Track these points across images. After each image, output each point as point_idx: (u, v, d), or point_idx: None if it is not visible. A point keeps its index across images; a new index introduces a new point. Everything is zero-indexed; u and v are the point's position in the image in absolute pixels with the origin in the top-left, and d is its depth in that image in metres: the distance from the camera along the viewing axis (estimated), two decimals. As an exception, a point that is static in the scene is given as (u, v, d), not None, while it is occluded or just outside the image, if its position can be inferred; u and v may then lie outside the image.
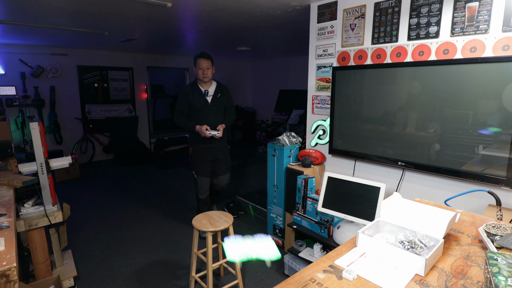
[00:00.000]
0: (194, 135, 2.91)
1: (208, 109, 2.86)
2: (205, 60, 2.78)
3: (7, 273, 1.07)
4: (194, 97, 2.83)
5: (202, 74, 2.79)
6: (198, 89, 2.86)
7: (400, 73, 2.14)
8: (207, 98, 2.86)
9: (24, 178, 1.94)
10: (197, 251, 2.14)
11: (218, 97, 2.90)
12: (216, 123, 2.86)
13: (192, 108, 2.87)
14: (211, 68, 2.83)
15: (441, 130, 1.99)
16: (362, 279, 0.90)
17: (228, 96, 2.99)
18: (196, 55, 2.81)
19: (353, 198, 2.18)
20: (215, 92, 2.90)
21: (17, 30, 3.94)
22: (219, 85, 2.96)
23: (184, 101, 2.88)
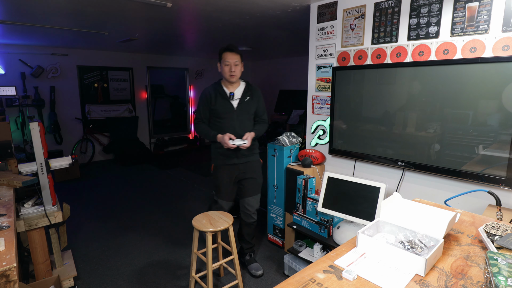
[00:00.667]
0: (216, 148, 2.36)
1: (233, 115, 2.29)
2: (233, 54, 2.22)
3: (7, 273, 1.07)
4: (216, 100, 2.29)
5: (229, 72, 2.23)
6: (222, 91, 2.30)
7: (400, 73, 2.14)
8: (232, 102, 2.29)
9: (24, 178, 1.94)
10: (197, 251, 2.14)
11: (247, 101, 2.32)
12: (242, 133, 2.27)
13: (214, 114, 2.32)
14: (240, 65, 2.26)
15: (441, 130, 1.99)
16: (362, 279, 0.90)
17: (259, 100, 2.41)
18: (222, 48, 2.27)
19: (353, 198, 2.18)
20: (243, 94, 2.32)
21: (17, 30, 3.94)
22: (249, 86, 2.38)
23: (205, 106, 2.33)
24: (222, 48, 2.26)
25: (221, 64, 2.28)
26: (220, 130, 2.28)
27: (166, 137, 7.36)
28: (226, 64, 2.23)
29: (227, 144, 2.17)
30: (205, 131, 2.34)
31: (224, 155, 2.32)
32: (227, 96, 2.29)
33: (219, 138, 2.24)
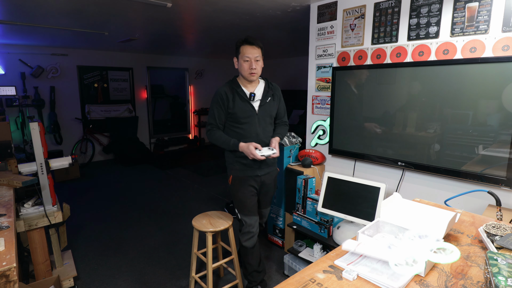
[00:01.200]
0: (235, 157, 2.01)
1: (255, 120, 1.95)
2: (253, 48, 1.89)
3: (7, 273, 1.07)
4: (235, 103, 1.93)
5: (249, 69, 1.89)
6: (241, 91, 1.95)
7: (400, 73, 2.14)
8: (253, 104, 1.95)
9: (24, 178, 1.94)
10: (197, 251, 2.14)
11: (268, 102, 2.00)
12: (267, 140, 2.00)
13: (232, 118, 1.97)
14: (261, 61, 1.94)
15: (441, 130, 1.99)
16: (362, 279, 0.90)
17: (280, 99, 2.11)
18: (240, 40, 1.94)
19: (353, 198, 2.18)
20: (264, 94, 1.99)
21: (17, 30, 3.94)
22: (269, 84, 2.05)
23: (220, 109, 1.96)
24: (240, 40, 1.93)
25: (238, 60, 1.95)
26: (240, 138, 1.94)
27: (166, 137, 7.36)
28: (245, 59, 1.89)
29: (255, 155, 1.82)
30: (223, 139, 1.95)
31: (246, 165, 1.99)
32: (247, 97, 1.95)
33: (243, 148, 1.87)
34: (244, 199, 2.03)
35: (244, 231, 2.07)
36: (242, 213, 2.06)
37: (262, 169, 2.03)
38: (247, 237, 2.06)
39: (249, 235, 2.06)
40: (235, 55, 2.00)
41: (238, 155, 1.98)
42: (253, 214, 2.06)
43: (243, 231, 2.07)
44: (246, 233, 2.06)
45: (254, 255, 2.11)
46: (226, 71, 8.06)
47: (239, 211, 2.07)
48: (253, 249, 2.10)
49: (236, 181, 2.03)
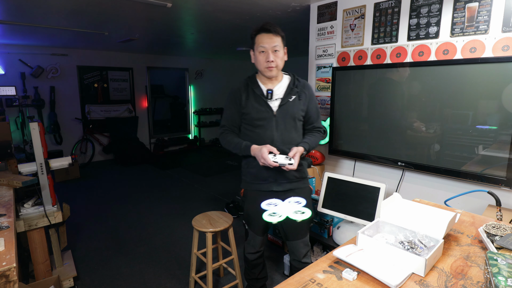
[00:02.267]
0: (247, 167, 1.72)
1: (272, 122, 1.63)
2: (270, 36, 1.55)
3: (7, 273, 1.07)
4: (248, 101, 1.65)
5: (265, 62, 1.57)
6: (257, 88, 1.66)
7: (400, 73, 2.14)
8: (270, 103, 1.63)
9: (24, 178, 1.94)
10: (197, 251, 2.14)
11: (292, 101, 1.64)
12: (284, 146, 1.62)
13: (246, 120, 1.68)
14: (281, 51, 1.60)
15: (441, 130, 1.99)
16: (362, 279, 0.90)
17: (311, 100, 1.71)
18: (255, 29, 1.61)
19: (353, 199, 2.18)
20: (287, 92, 1.65)
21: (17, 30, 3.94)
22: (295, 81, 1.69)
23: (233, 109, 1.70)
24: (256, 29, 1.60)
25: (254, 52, 1.63)
26: (255, 143, 1.62)
27: (166, 137, 7.36)
28: (261, 50, 1.57)
29: (266, 160, 1.48)
30: (234, 142, 1.66)
31: (259, 177, 1.66)
32: (264, 94, 1.64)
33: (255, 151, 1.56)
34: (253, 216, 1.74)
35: (248, 242, 1.87)
36: (248, 226, 1.83)
37: (279, 183, 1.64)
38: (250, 251, 1.86)
39: (252, 249, 1.85)
40: (251, 48, 1.65)
41: (251, 164, 1.67)
42: (260, 234, 1.79)
43: (247, 241, 1.88)
44: (249, 246, 1.86)
45: (256, 268, 1.92)
46: (226, 71, 8.06)
47: (246, 222, 1.84)
48: (255, 262, 1.89)
49: (247, 196, 1.75)
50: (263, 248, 1.88)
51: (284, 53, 1.62)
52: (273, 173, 1.63)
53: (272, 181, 1.65)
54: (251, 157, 1.63)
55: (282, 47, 1.59)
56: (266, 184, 1.67)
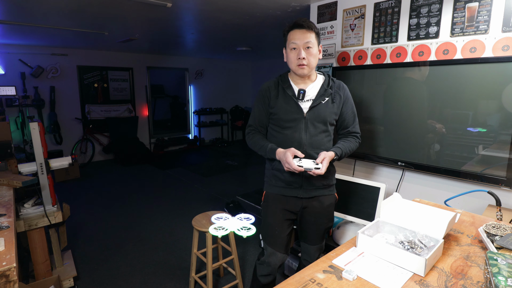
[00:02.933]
0: (272, 169, 1.61)
1: (301, 124, 1.52)
2: (303, 32, 1.46)
3: (7, 273, 1.07)
4: (278, 100, 1.54)
5: (296, 59, 1.47)
6: (288, 87, 1.55)
7: (400, 73, 2.14)
8: (301, 104, 1.52)
9: (24, 178, 1.94)
10: (197, 251, 2.14)
11: (324, 103, 1.53)
12: (312, 151, 1.52)
13: (274, 120, 1.57)
14: (315, 48, 1.49)
15: (441, 130, 1.99)
16: (362, 279, 0.90)
17: (346, 102, 1.60)
18: (288, 26, 1.52)
19: (353, 198, 2.18)
20: (320, 93, 1.54)
21: (17, 30, 3.94)
22: (329, 81, 1.58)
23: (261, 108, 1.60)
24: (288, 26, 1.50)
25: (286, 49, 1.54)
26: (281, 145, 1.50)
27: (166, 137, 7.37)
28: (292, 47, 1.47)
29: (291, 165, 1.36)
30: (260, 144, 1.55)
31: (284, 180, 1.56)
32: (295, 94, 1.53)
33: (279, 154, 1.45)
34: (273, 224, 1.59)
35: (263, 262, 1.65)
36: (266, 241, 1.64)
37: (306, 190, 1.54)
38: (264, 272, 1.65)
39: (266, 270, 1.64)
40: (284, 47, 1.57)
41: (276, 167, 1.57)
42: (279, 250, 1.60)
43: (261, 260, 1.67)
44: (264, 266, 1.65)
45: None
46: (226, 71, 8.07)
47: (263, 237, 1.66)
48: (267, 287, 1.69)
49: (269, 199, 1.62)
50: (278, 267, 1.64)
51: (319, 51, 1.52)
52: (299, 178, 1.52)
53: (298, 187, 1.55)
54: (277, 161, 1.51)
55: (316, 44, 1.48)
56: (291, 189, 1.56)
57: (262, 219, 1.66)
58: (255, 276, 1.73)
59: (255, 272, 1.73)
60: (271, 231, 1.60)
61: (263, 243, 1.66)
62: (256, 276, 1.72)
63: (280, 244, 1.60)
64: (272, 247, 1.60)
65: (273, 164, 1.58)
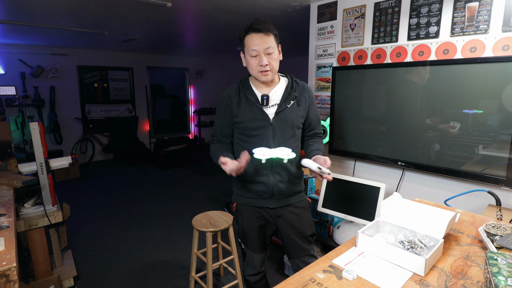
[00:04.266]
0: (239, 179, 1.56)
1: (267, 131, 1.43)
2: (261, 36, 1.35)
3: (7, 273, 1.07)
4: (240, 108, 1.45)
5: (258, 66, 1.37)
6: (250, 93, 1.46)
7: (400, 73, 2.14)
8: (266, 110, 1.44)
9: (24, 178, 1.94)
10: (197, 251, 2.14)
11: (290, 107, 1.45)
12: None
13: (239, 129, 1.49)
14: (276, 51, 1.40)
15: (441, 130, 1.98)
16: (362, 279, 0.90)
17: (311, 104, 1.53)
18: (243, 30, 1.39)
19: (353, 198, 2.18)
20: (284, 98, 1.45)
21: (17, 30, 3.94)
22: (293, 84, 1.49)
23: (223, 117, 1.51)
24: (244, 29, 1.39)
25: (244, 54, 1.42)
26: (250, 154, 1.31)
27: (166, 137, 7.37)
28: (252, 54, 1.37)
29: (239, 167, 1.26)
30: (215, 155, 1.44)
31: (253, 191, 1.50)
32: (258, 100, 1.43)
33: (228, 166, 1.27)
34: (249, 232, 1.57)
35: (247, 263, 1.65)
36: (245, 245, 1.62)
37: (275, 199, 1.48)
38: (250, 273, 1.65)
39: (252, 271, 1.64)
40: (241, 49, 1.45)
41: (245, 177, 1.49)
42: (259, 252, 1.60)
43: (246, 262, 1.67)
44: (249, 267, 1.64)
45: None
46: (226, 71, 8.06)
47: (242, 241, 1.63)
48: (257, 285, 1.69)
49: (241, 210, 1.58)
50: (264, 268, 1.67)
51: (279, 52, 1.43)
52: (269, 188, 1.46)
53: (268, 197, 1.48)
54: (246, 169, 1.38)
55: (276, 47, 1.39)
56: (261, 200, 1.50)
57: (238, 226, 1.63)
58: (244, 277, 1.74)
59: (243, 273, 1.75)
60: (248, 238, 1.59)
61: (243, 245, 1.65)
62: (244, 277, 1.72)
63: (258, 246, 1.60)
64: (252, 250, 1.60)
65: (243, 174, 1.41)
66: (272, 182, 1.45)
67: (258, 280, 1.68)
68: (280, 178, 1.46)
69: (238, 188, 1.59)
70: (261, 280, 1.69)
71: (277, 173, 1.46)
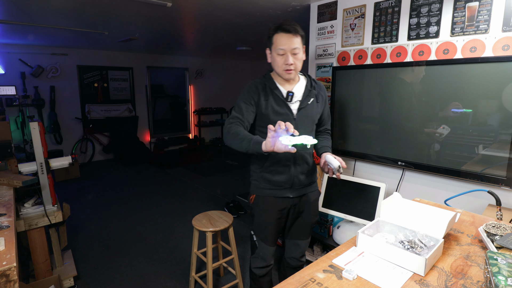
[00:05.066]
0: (259, 170, 1.60)
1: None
2: (290, 36, 1.43)
3: (7, 273, 1.07)
4: (268, 103, 1.51)
5: (284, 65, 1.46)
6: (276, 90, 1.53)
7: (400, 73, 2.14)
8: (291, 105, 1.53)
9: (24, 178, 1.94)
10: (197, 250, 2.15)
11: (310, 104, 1.57)
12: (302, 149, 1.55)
13: (262, 122, 1.53)
14: (301, 52, 1.48)
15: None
16: (362, 279, 0.90)
17: (325, 102, 1.69)
18: (272, 28, 1.47)
19: (353, 198, 2.18)
20: (305, 94, 1.56)
21: (17, 30, 3.94)
22: (312, 82, 1.61)
23: (249, 104, 1.50)
24: (273, 28, 1.46)
25: (271, 52, 1.50)
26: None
27: (166, 136, 7.37)
28: (279, 52, 1.45)
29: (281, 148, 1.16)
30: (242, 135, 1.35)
31: (274, 182, 1.56)
32: (283, 97, 1.52)
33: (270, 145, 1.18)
34: (266, 223, 1.63)
35: (257, 256, 1.70)
36: (258, 237, 1.67)
37: (295, 189, 1.59)
38: (259, 265, 1.70)
39: (261, 263, 1.69)
40: (268, 46, 1.52)
41: (265, 169, 1.56)
42: (272, 244, 1.67)
43: (255, 255, 1.71)
44: (258, 259, 1.70)
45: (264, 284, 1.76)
46: (226, 71, 8.06)
47: (255, 233, 1.68)
48: (264, 279, 1.74)
49: (259, 202, 1.62)
50: (272, 262, 1.74)
51: (303, 52, 1.51)
52: (290, 179, 1.56)
53: (288, 187, 1.58)
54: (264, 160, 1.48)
55: (301, 48, 1.48)
56: (281, 190, 1.58)
57: (253, 218, 1.69)
58: (251, 270, 1.77)
59: (250, 266, 1.78)
60: (263, 229, 1.65)
61: (255, 238, 1.70)
62: (251, 269, 1.76)
63: (271, 239, 1.67)
64: (264, 242, 1.66)
65: (264, 166, 1.56)
66: (293, 173, 1.56)
67: (265, 274, 1.74)
68: (300, 169, 1.57)
69: (257, 180, 1.63)
70: (267, 274, 1.75)
71: (298, 165, 1.56)
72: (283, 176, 1.56)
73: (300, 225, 1.70)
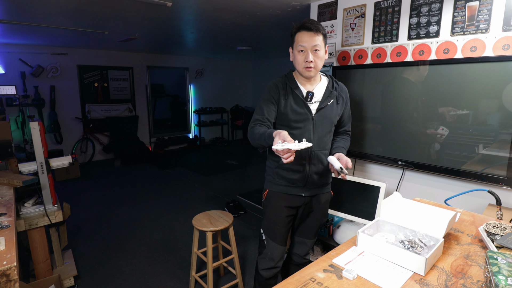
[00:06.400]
0: (276, 168, 1.62)
1: (309, 125, 1.54)
2: (311, 34, 1.45)
3: (8, 272, 1.07)
4: (287, 101, 1.53)
5: (304, 62, 1.47)
6: (297, 89, 1.55)
7: (400, 72, 2.14)
8: (310, 105, 1.54)
9: (24, 177, 1.94)
10: (197, 250, 2.15)
11: (330, 104, 1.57)
12: (319, 150, 1.57)
13: (282, 120, 1.56)
14: (322, 50, 1.49)
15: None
16: (362, 279, 0.90)
17: (347, 103, 1.69)
18: (295, 27, 1.50)
19: (353, 198, 2.18)
20: (325, 96, 1.57)
21: (17, 30, 3.94)
22: (333, 83, 1.61)
23: (270, 104, 1.54)
24: (296, 26, 1.50)
25: (293, 50, 1.53)
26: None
27: (166, 136, 7.37)
28: (300, 49, 1.47)
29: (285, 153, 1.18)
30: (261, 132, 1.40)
31: (288, 179, 1.58)
32: (303, 97, 1.53)
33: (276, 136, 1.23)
34: (276, 220, 1.63)
35: (265, 256, 1.68)
36: (268, 235, 1.67)
37: (308, 188, 1.60)
38: (266, 266, 1.68)
39: (269, 264, 1.67)
40: (290, 45, 1.56)
41: (281, 165, 1.58)
42: (280, 243, 1.66)
43: (263, 255, 1.69)
44: (266, 260, 1.68)
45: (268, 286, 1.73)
46: (226, 71, 8.06)
47: (265, 231, 1.68)
48: (270, 282, 1.71)
49: (272, 197, 1.63)
50: (280, 264, 1.70)
51: (325, 52, 1.52)
52: (304, 177, 1.56)
53: (301, 186, 1.58)
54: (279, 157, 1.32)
55: (323, 46, 1.49)
56: (294, 188, 1.59)
57: (264, 214, 1.69)
58: (257, 271, 1.74)
59: (257, 267, 1.74)
60: (274, 227, 1.65)
61: (264, 236, 1.69)
62: (258, 270, 1.73)
63: (281, 238, 1.66)
64: (274, 240, 1.66)
65: (280, 163, 1.57)
66: (307, 172, 1.56)
67: (272, 276, 1.70)
68: (315, 169, 1.57)
69: (271, 175, 1.65)
70: (274, 276, 1.72)
71: (313, 164, 1.56)
72: (298, 174, 1.56)
73: (309, 224, 1.72)
